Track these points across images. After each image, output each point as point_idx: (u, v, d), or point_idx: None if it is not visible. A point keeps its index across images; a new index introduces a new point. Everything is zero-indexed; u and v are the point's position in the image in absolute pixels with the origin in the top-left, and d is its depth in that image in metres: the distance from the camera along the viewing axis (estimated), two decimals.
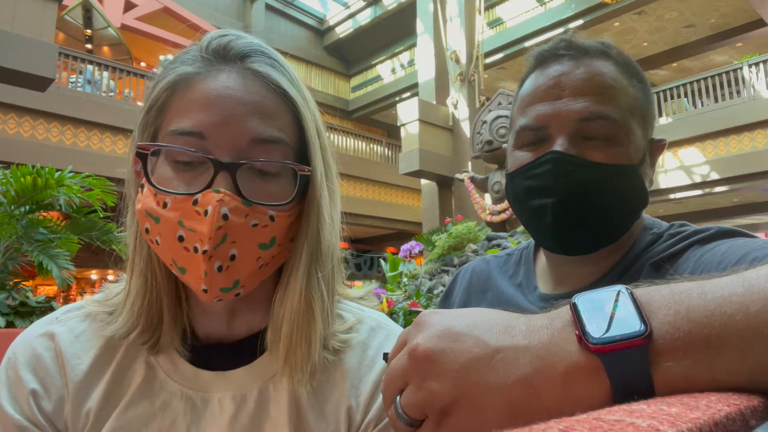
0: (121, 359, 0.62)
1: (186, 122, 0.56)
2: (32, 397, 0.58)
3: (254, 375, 0.62)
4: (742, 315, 0.31)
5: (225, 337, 0.65)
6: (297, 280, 0.60)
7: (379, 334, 0.68)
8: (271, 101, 0.58)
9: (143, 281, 0.61)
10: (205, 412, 0.60)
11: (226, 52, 0.59)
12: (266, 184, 0.57)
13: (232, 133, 0.55)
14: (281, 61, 0.62)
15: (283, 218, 0.58)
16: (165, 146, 0.57)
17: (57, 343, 0.62)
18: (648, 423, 0.23)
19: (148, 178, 0.57)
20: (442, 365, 0.36)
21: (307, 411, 0.61)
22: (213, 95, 0.56)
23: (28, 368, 0.60)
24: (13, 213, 3.50)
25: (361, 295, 0.73)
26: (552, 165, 0.69)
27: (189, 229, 0.54)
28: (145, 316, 0.60)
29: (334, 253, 0.64)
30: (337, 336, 0.65)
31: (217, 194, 0.53)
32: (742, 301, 0.31)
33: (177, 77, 0.58)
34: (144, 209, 0.57)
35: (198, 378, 0.62)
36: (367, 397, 0.63)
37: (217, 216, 0.53)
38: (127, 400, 0.60)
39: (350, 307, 0.71)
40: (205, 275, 0.54)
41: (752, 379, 0.31)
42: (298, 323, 0.59)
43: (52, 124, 8.51)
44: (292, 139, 0.60)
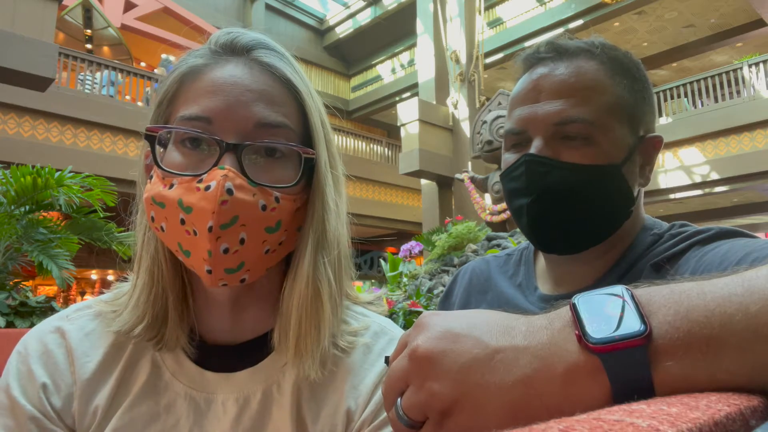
0: (129, 358, 0.63)
1: (194, 108, 0.57)
2: (42, 391, 0.59)
3: (258, 377, 0.63)
4: (742, 315, 0.31)
5: (231, 337, 0.65)
6: (304, 267, 0.60)
7: (383, 338, 0.69)
8: (276, 90, 0.60)
9: (149, 276, 0.62)
10: (209, 414, 0.61)
11: (233, 45, 0.62)
12: (271, 166, 0.59)
13: (238, 117, 0.57)
14: (286, 54, 0.64)
15: (288, 201, 0.59)
16: (172, 128, 0.58)
17: (67, 341, 0.62)
18: (648, 423, 0.23)
19: (156, 160, 0.58)
20: (443, 366, 0.36)
21: (308, 413, 0.62)
22: (220, 83, 0.58)
23: (40, 362, 0.61)
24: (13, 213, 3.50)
25: (371, 300, 0.74)
26: (525, 167, 0.72)
27: (192, 208, 0.55)
28: (150, 310, 0.61)
29: (339, 241, 0.64)
30: (344, 336, 0.65)
31: (221, 170, 0.54)
32: (741, 301, 0.31)
33: (186, 69, 0.61)
34: (150, 197, 0.58)
35: (203, 379, 0.62)
36: (366, 398, 0.63)
37: (221, 190, 0.53)
38: (132, 399, 0.60)
39: (358, 311, 0.72)
40: (209, 255, 0.55)
41: (752, 379, 0.31)
42: (306, 308, 0.60)
43: (52, 124, 8.51)
44: (296, 126, 0.61)
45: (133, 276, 0.64)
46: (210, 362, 0.63)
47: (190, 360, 0.63)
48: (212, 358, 0.64)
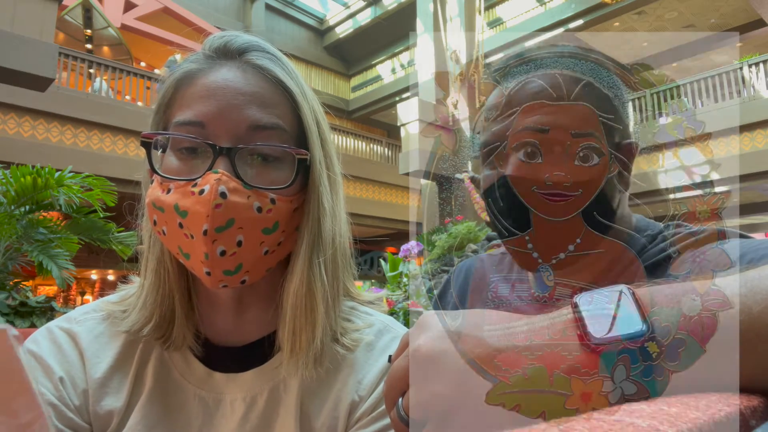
0: (140, 357, 0.63)
1: (188, 113, 0.58)
2: (60, 383, 0.59)
3: (265, 377, 0.64)
4: (744, 315, 0.31)
5: (236, 338, 0.66)
6: (298, 267, 0.61)
7: (386, 336, 0.69)
8: (269, 91, 0.61)
9: (156, 277, 0.63)
10: (217, 414, 0.62)
11: (226, 48, 0.62)
12: (266, 169, 0.59)
13: (231, 121, 0.57)
14: (279, 56, 0.64)
15: (285, 202, 0.59)
16: (165, 133, 0.59)
17: (78, 342, 0.63)
18: (648, 423, 0.23)
19: (152, 166, 0.59)
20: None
21: (312, 409, 0.62)
22: (213, 87, 0.58)
23: (55, 359, 0.61)
24: (13, 213, 3.50)
25: (372, 300, 0.75)
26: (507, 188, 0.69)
27: (188, 212, 0.55)
28: (158, 310, 0.62)
29: (335, 240, 0.65)
30: (349, 334, 0.66)
31: (215, 174, 0.55)
32: (744, 301, 0.31)
33: (181, 75, 0.61)
34: (151, 201, 0.59)
35: (211, 380, 0.63)
36: (368, 392, 0.64)
37: (215, 194, 0.54)
38: (145, 398, 0.61)
39: (362, 310, 0.73)
40: (206, 258, 0.55)
41: (752, 379, 0.31)
42: (300, 307, 0.60)
43: (52, 124, 8.51)
44: (290, 127, 0.61)
45: (141, 277, 0.65)
46: (217, 363, 0.64)
47: (199, 360, 0.64)
48: (219, 359, 0.64)
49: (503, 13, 12.70)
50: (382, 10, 15.16)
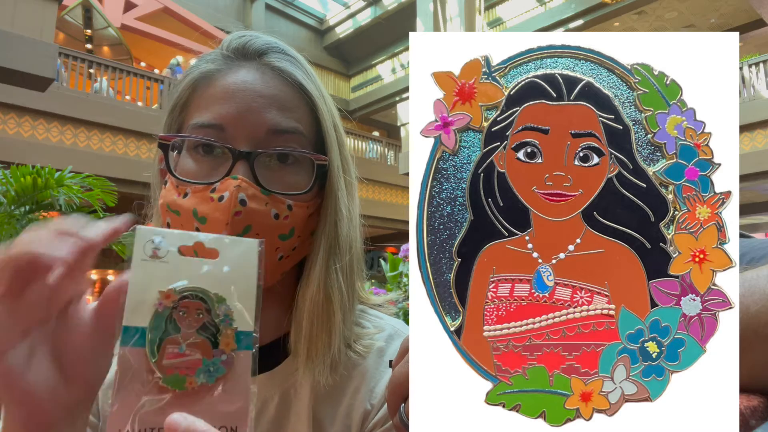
0: None
1: (206, 115, 0.57)
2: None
3: (276, 381, 0.63)
4: (743, 314, 0.31)
5: None
6: (315, 273, 0.60)
7: (396, 341, 0.68)
8: (288, 94, 0.60)
9: None
10: None
11: (245, 49, 0.61)
12: (284, 173, 0.58)
13: (250, 124, 0.57)
14: (298, 58, 0.64)
15: (302, 208, 0.59)
16: (184, 136, 0.58)
17: None
18: None
19: (170, 168, 0.58)
20: None
21: (324, 415, 0.62)
22: (232, 89, 0.58)
23: None
24: (13, 213, 3.50)
25: (380, 303, 0.74)
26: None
27: (207, 219, 0.55)
28: None
29: (352, 246, 0.64)
30: (360, 340, 0.65)
31: (234, 180, 0.54)
32: (742, 301, 0.31)
33: (199, 75, 0.60)
34: (165, 203, 0.58)
35: None
36: (381, 401, 0.63)
37: (234, 201, 0.53)
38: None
39: (371, 314, 0.72)
40: None
41: (752, 378, 0.31)
42: (318, 314, 0.60)
43: (52, 124, 8.50)
44: (309, 131, 0.61)
45: None
46: None
47: None
48: None
49: (503, 13, 12.70)
50: (382, 10, 15.16)
